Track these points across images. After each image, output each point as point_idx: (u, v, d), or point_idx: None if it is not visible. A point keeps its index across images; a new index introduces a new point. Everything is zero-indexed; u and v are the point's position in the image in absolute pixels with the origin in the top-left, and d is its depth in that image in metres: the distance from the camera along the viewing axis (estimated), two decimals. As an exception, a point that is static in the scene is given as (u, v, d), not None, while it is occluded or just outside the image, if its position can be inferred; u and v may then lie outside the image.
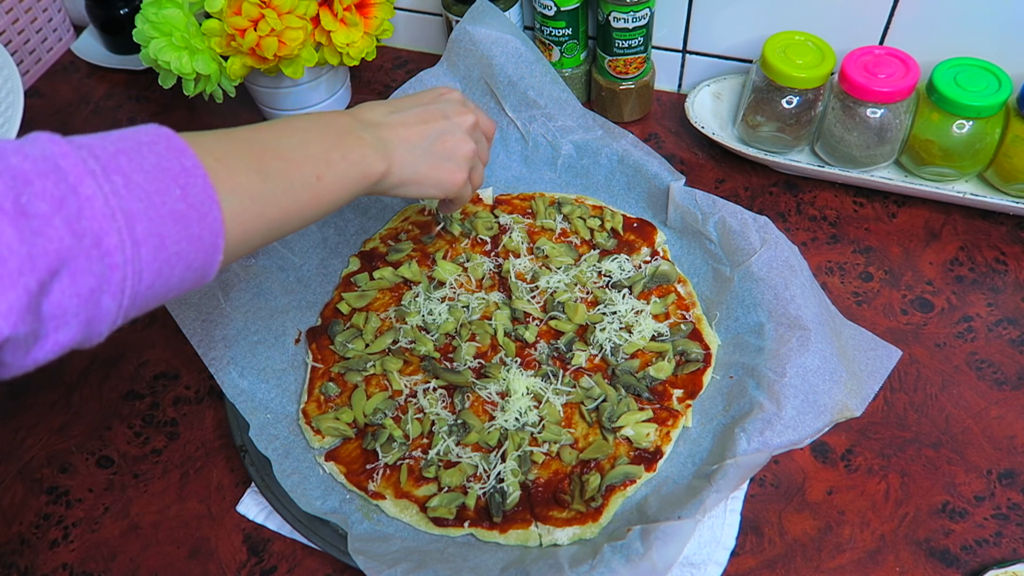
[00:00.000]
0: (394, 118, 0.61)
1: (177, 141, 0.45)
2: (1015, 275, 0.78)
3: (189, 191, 0.43)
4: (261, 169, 0.49)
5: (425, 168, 0.62)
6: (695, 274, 0.78)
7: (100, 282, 0.40)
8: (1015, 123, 0.76)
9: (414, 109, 0.63)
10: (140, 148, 0.43)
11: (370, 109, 0.61)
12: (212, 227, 0.45)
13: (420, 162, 0.61)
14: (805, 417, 0.65)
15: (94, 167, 0.40)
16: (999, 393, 0.70)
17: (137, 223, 0.41)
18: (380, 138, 0.59)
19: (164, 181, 0.42)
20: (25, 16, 1.02)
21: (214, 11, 0.80)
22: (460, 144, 0.64)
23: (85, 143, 0.41)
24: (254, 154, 0.50)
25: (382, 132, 0.59)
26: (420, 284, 0.78)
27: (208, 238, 0.45)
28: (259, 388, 0.71)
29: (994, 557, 0.62)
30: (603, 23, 0.86)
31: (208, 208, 0.44)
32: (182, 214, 0.43)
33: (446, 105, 0.65)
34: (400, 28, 1.03)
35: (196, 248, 0.44)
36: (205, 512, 0.68)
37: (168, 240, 0.42)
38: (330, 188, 0.54)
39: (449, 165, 0.63)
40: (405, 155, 0.60)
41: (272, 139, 0.52)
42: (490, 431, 0.68)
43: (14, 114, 0.76)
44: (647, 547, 0.56)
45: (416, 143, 0.61)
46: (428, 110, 0.63)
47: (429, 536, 0.64)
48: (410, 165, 0.60)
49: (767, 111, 0.82)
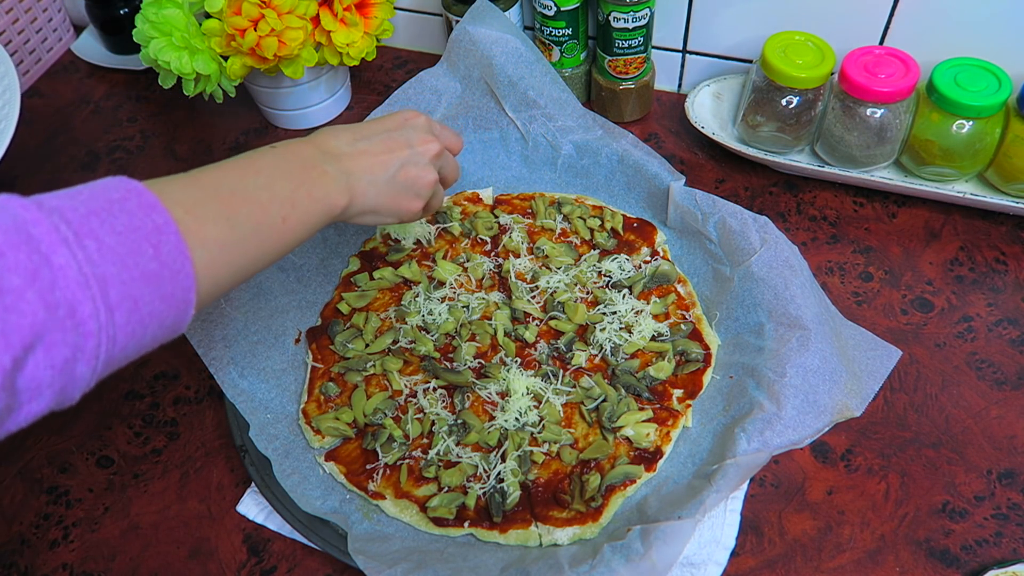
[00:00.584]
0: (358, 147, 0.61)
1: (148, 197, 0.44)
2: (1015, 275, 0.78)
3: (161, 249, 0.43)
4: (230, 216, 0.49)
5: (385, 199, 0.62)
6: (695, 274, 0.78)
7: (74, 352, 0.40)
8: (1015, 123, 0.76)
9: (379, 136, 0.62)
10: (111, 208, 0.42)
11: (334, 136, 0.61)
12: (184, 283, 0.45)
13: (381, 193, 0.61)
14: (805, 417, 0.65)
15: (66, 233, 0.40)
16: (999, 393, 0.70)
17: (111, 288, 0.40)
18: (343, 170, 0.58)
19: (137, 242, 0.42)
20: (25, 16, 1.02)
21: (214, 11, 0.80)
22: (422, 174, 0.64)
23: (56, 207, 0.41)
24: (222, 200, 0.49)
25: (345, 163, 0.59)
26: (420, 284, 0.78)
27: (180, 294, 0.45)
28: (259, 388, 0.71)
29: (994, 557, 0.62)
30: (603, 23, 0.86)
31: (180, 264, 0.44)
32: (155, 274, 0.43)
33: (411, 132, 0.64)
34: (400, 28, 1.03)
35: (169, 305, 0.44)
36: (205, 512, 0.68)
37: (141, 302, 0.42)
38: (295, 228, 0.54)
39: (408, 195, 0.63)
40: (367, 187, 0.60)
41: (238, 182, 0.52)
42: (490, 431, 0.68)
43: (10, 113, 0.75)
44: (647, 547, 0.56)
45: (378, 174, 0.61)
46: (393, 138, 0.63)
47: (429, 536, 0.64)
48: (371, 197, 0.60)
49: (767, 111, 0.82)
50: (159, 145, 0.97)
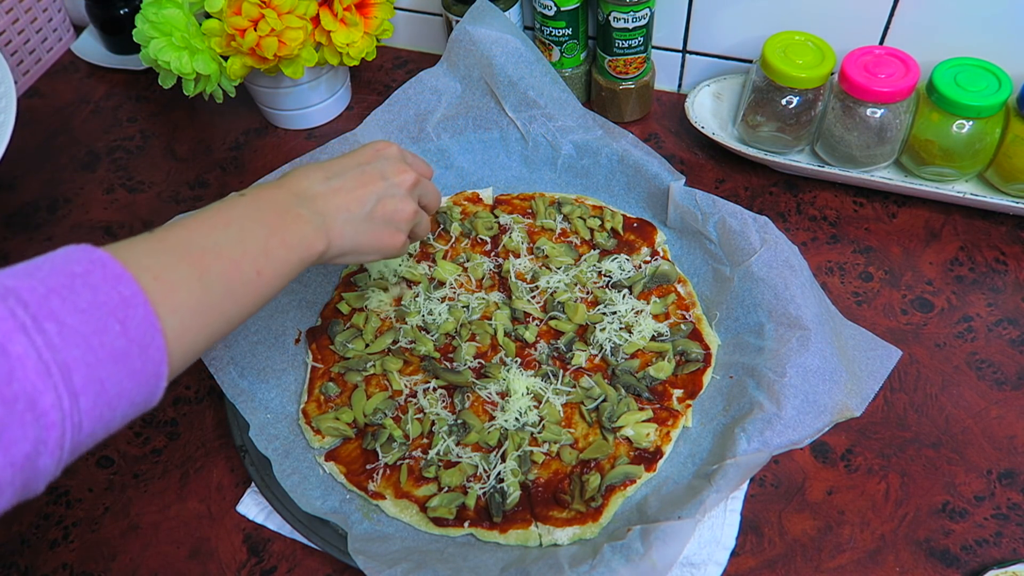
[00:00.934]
0: (331, 185, 0.58)
1: (113, 267, 0.42)
2: (1015, 275, 0.78)
3: (130, 324, 0.41)
4: (201, 277, 0.47)
5: (365, 237, 0.59)
6: (695, 274, 0.78)
7: (36, 446, 0.37)
8: (1015, 123, 0.76)
9: (351, 172, 0.60)
10: (74, 283, 0.40)
11: (305, 177, 0.58)
12: (155, 357, 0.42)
13: (360, 231, 0.59)
14: (805, 417, 0.65)
15: (23, 319, 0.37)
16: (999, 393, 0.70)
17: (75, 373, 0.38)
18: (318, 212, 0.56)
19: (102, 319, 0.40)
20: (25, 16, 1.02)
21: (214, 11, 0.80)
22: (400, 206, 0.61)
23: (11, 288, 0.38)
24: (192, 260, 0.47)
25: (319, 204, 0.56)
26: (420, 284, 0.78)
27: (151, 369, 0.42)
28: (259, 388, 0.71)
29: (994, 557, 0.62)
30: (603, 23, 0.86)
31: (151, 338, 0.42)
32: (123, 351, 0.40)
33: (384, 164, 0.62)
34: (400, 28, 1.03)
35: (139, 382, 0.42)
36: (205, 512, 0.68)
37: (109, 383, 0.40)
38: (270, 280, 0.52)
39: (389, 229, 0.61)
40: (344, 226, 0.57)
41: (208, 237, 0.49)
42: (490, 431, 0.68)
43: (6, 121, 0.74)
44: (647, 547, 0.56)
45: (355, 211, 0.58)
46: (366, 171, 0.60)
47: (429, 536, 0.64)
48: (350, 236, 0.58)
49: (767, 111, 0.82)
50: (159, 145, 0.97)
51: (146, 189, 0.92)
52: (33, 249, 0.87)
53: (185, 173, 0.93)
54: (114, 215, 0.90)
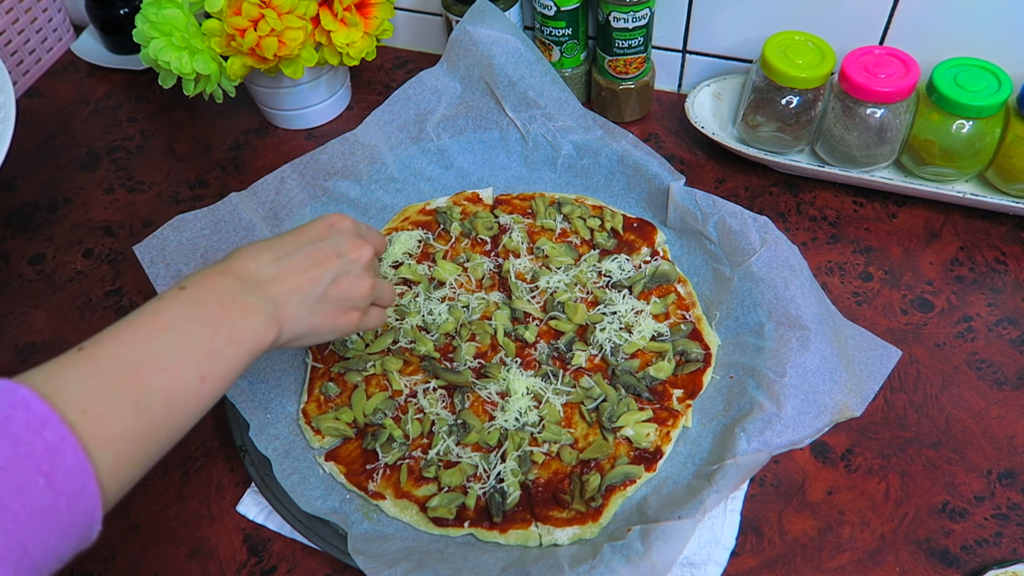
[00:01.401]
0: (282, 267, 0.54)
1: (37, 410, 0.38)
2: (1015, 275, 0.78)
3: (56, 475, 0.37)
4: (137, 400, 0.43)
5: (319, 318, 0.55)
6: (695, 274, 0.78)
7: None
8: (1015, 123, 0.76)
9: (303, 250, 0.55)
10: None
11: (253, 259, 0.53)
12: (87, 505, 0.39)
13: (313, 313, 0.55)
14: (805, 417, 0.65)
15: None
16: (999, 393, 0.70)
17: None
18: (267, 298, 0.52)
19: (24, 474, 0.36)
20: (25, 16, 1.02)
21: (214, 11, 0.80)
22: (356, 284, 0.57)
23: None
24: (126, 381, 0.43)
25: (268, 289, 0.52)
26: (420, 284, 0.78)
27: (82, 520, 0.39)
28: (259, 388, 0.71)
29: (994, 557, 0.62)
30: (603, 23, 0.86)
31: (81, 484, 0.38)
32: (50, 508, 0.36)
33: (338, 240, 0.58)
34: (400, 28, 1.03)
35: (68, 536, 0.38)
36: (205, 512, 0.68)
37: (33, 548, 0.36)
38: (216, 384, 0.47)
39: (343, 309, 0.57)
40: (296, 309, 0.53)
41: (144, 348, 0.45)
42: (490, 431, 0.68)
43: (6, 129, 0.74)
44: (647, 547, 0.56)
45: (308, 292, 0.54)
46: (319, 249, 0.56)
47: (429, 536, 0.64)
48: (302, 319, 0.54)
49: (767, 111, 0.82)
50: (159, 145, 0.97)
51: (146, 189, 0.92)
52: (33, 249, 0.87)
53: (185, 173, 0.93)
54: (114, 215, 0.90)
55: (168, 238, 0.75)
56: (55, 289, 0.84)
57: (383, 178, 0.86)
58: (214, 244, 0.76)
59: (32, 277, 0.85)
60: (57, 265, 0.86)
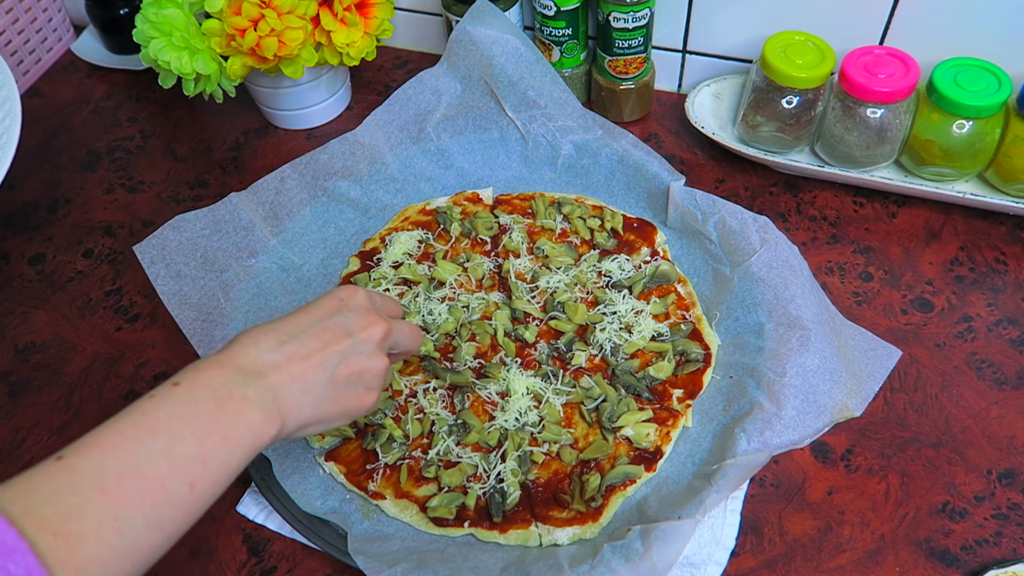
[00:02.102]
0: (285, 352, 0.49)
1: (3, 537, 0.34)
2: (1015, 275, 0.78)
3: None
4: (117, 516, 0.39)
5: (327, 405, 0.51)
6: (695, 274, 0.78)
7: None
8: (1015, 123, 0.76)
9: (310, 331, 0.51)
10: None
11: (254, 345, 0.49)
12: None
13: (321, 400, 0.50)
14: (805, 417, 0.65)
15: None
16: (999, 393, 0.70)
17: None
18: (267, 389, 0.47)
19: None
20: (25, 16, 1.02)
21: (214, 11, 0.80)
22: (368, 364, 0.53)
23: None
24: (106, 496, 0.39)
25: (269, 379, 0.48)
26: (420, 284, 0.78)
27: None
28: (259, 388, 0.71)
29: (994, 557, 0.62)
30: (603, 23, 0.86)
31: None
32: None
33: (349, 317, 0.53)
34: (400, 28, 1.03)
35: None
36: (205, 512, 0.68)
37: None
38: (208, 489, 0.43)
39: (355, 391, 0.53)
40: (300, 398, 0.49)
41: (129, 456, 0.41)
42: (490, 431, 0.68)
43: (10, 140, 0.74)
44: (647, 547, 0.56)
45: (314, 379, 0.50)
46: (327, 328, 0.52)
47: (429, 536, 0.64)
48: (308, 408, 0.49)
49: (767, 111, 0.82)
50: (159, 145, 0.97)
51: (146, 189, 0.92)
52: (33, 249, 0.87)
53: (185, 173, 0.93)
54: (114, 215, 0.90)
55: (168, 238, 0.75)
56: (55, 289, 0.84)
57: (383, 178, 0.86)
58: (214, 244, 0.76)
59: (32, 277, 0.85)
60: (57, 265, 0.86)
